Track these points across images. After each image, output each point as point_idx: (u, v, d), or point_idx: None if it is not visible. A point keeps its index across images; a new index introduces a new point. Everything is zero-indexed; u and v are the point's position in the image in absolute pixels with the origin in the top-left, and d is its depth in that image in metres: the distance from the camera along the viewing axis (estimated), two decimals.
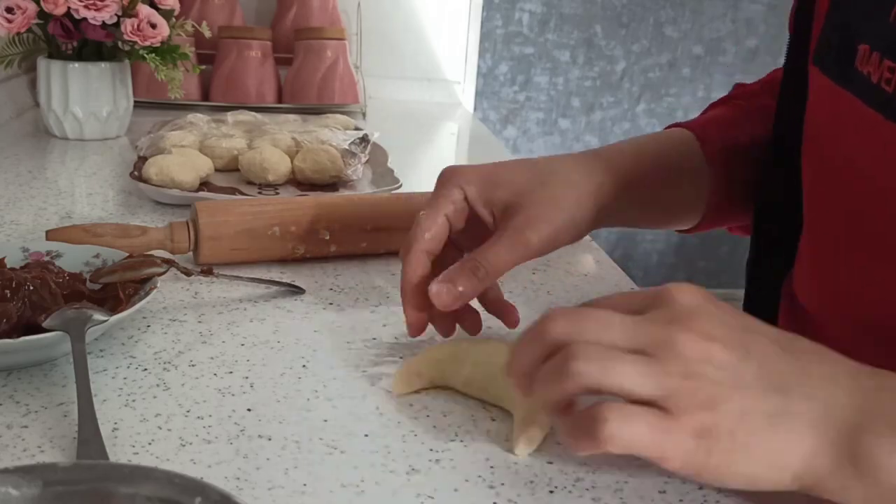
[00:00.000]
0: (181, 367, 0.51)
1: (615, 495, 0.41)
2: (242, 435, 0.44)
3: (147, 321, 0.57)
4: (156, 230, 0.66)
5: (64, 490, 0.32)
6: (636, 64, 2.73)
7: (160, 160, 0.85)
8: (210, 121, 1.09)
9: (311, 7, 1.61)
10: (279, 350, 0.54)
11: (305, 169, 0.91)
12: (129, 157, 1.06)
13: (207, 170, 0.90)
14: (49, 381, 0.48)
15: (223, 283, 0.64)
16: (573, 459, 0.44)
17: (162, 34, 1.11)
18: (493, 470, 0.43)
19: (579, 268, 0.75)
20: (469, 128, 1.63)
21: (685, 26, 2.72)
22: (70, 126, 1.13)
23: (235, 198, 0.83)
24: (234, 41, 1.49)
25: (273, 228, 0.68)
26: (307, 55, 1.52)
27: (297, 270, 0.69)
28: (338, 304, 0.63)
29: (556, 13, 2.64)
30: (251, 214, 0.68)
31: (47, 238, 0.63)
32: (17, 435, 0.43)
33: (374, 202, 0.74)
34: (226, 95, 1.47)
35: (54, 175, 1.01)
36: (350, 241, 0.71)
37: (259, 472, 0.41)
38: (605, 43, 2.69)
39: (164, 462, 0.41)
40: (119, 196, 0.90)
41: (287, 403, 0.48)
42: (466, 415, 0.48)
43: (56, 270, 0.55)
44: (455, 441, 0.45)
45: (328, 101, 1.50)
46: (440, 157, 1.40)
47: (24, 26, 1.07)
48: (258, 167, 0.90)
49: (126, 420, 0.45)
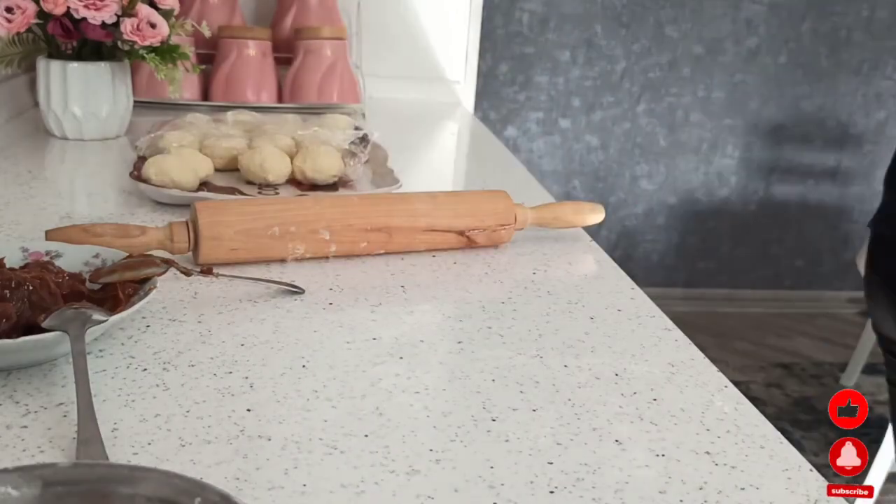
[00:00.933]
0: (181, 368, 0.51)
1: (615, 495, 0.41)
2: (242, 435, 0.44)
3: (147, 321, 0.57)
4: (155, 230, 0.66)
5: (64, 490, 0.32)
6: (636, 64, 2.73)
7: (160, 160, 0.85)
8: (210, 121, 1.09)
9: (310, 7, 1.61)
10: (279, 350, 0.54)
11: (305, 169, 0.91)
12: (129, 157, 1.05)
13: (207, 170, 0.90)
14: (49, 381, 0.48)
15: (223, 282, 0.64)
16: (573, 459, 0.44)
17: (161, 34, 1.11)
18: (493, 470, 0.43)
19: (579, 268, 0.75)
20: (469, 128, 1.63)
21: (685, 26, 2.72)
22: (70, 126, 1.13)
23: (235, 198, 0.83)
24: (234, 41, 1.49)
25: (273, 228, 0.68)
26: (307, 55, 1.52)
27: (297, 270, 0.69)
28: (338, 304, 0.63)
29: (556, 13, 2.63)
30: (251, 214, 0.68)
31: (47, 238, 0.63)
32: (17, 435, 0.43)
33: (374, 202, 0.74)
34: (225, 95, 1.47)
35: (54, 175, 1.01)
36: (350, 241, 0.71)
37: (259, 472, 0.41)
38: (605, 43, 2.69)
39: (164, 462, 0.41)
40: (119, 196, 0.90)
41: (287, 403, 0.47)
42: (466, 415, 0.48)
43: (56, 270, 0.55)
44: (455, 441, 0.45)
45: (328, 101, 1.50)
46: (440, 157, 1.40)
47: (24, 26, 1.07)
48: (258, 167, 0.90)
49: (125, 420, 0.45)
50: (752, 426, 0.49)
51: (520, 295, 0.67)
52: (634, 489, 0.42)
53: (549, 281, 0.71)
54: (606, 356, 0.57)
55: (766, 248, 3.04)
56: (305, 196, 0.83)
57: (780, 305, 3.07)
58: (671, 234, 2.96)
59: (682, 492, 0.42)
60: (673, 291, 2.98)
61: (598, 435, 0.47)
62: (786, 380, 2.51)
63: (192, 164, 0.87)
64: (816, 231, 3.05)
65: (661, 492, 0.42)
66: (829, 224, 3.05)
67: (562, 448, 0.45)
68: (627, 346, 0.58)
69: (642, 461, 0.44)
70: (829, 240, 3.07)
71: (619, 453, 0.45)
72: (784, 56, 2.81)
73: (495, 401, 0.49)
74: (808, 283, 3.11)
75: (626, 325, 0.62)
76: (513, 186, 0.83)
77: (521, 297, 0.67)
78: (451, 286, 0.68)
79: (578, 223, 0.84)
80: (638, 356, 0.57)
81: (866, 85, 2.89)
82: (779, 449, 0.46)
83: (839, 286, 3.11)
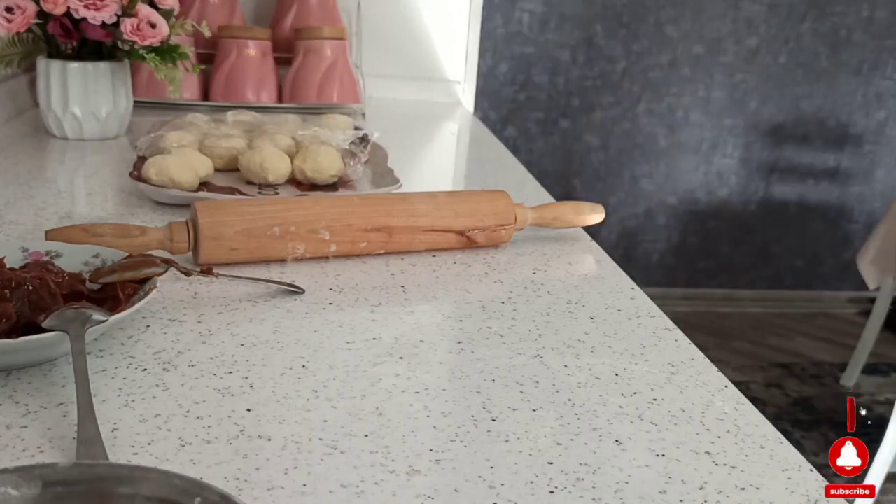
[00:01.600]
0: (181, 368, 0.51)
1: (615, 495, 0.41)
2: (242, 435, 0.44)
3: (146, 321, 0.57)
4: (155, 230, 0.66)
5: (63, 490, 0.32)
6: (636, 64, 2.73)
7: (160, 160, 0.85)
8: (210, 120, 1.09)
9: (310, 7, 1.61)
10: (279, 350, 0.54)
11: (305, 169, 0.91)
12: (129, 157, 1.06)
13: (207, 170, 0.90)
14: (48, 381, 0.48)
15: (223, 282, 0.64)
16: (573, 459, 0.44)
17: (161, 34, 1.11)
18: (493, 470, 0.43)
19: (579, 268, 0.75)
20: (469, 127, 1.63)
21: (685, 26, 2.72)
22: (69, 126, 1.13)
23: (235, 197, 0.83)
24: (234, 41, 1.49)
25: (273, 228, 0.68)
26: (307, 55, 1.52)
27: (297, 270, 0.69)
28: (338, 304, 0.63)
29: (556, 13, 2.63)
30: (251, 214, 0.68)
31: (47, 238, 0.63)
32: (17, 435, 0.43)
33: (374, 202, 0.74)
34: (225, 95, 1.47)
35: (54, 175, 1.01)
36: (350, 241, 0.71)
37: (259, 472, 0.41)
38: (605, 43, 2.69)
39: (164, 462, 0.41)
40: (119, 196, 0.90)
41: (287, 403, 0.47)
42: (466, 415, 0.48)
43: (56, 270, 0.55)
44: (455, 441, 0.45)
45: (328, 101, 1.50)
46: (440, 157, 1.40)
47: (24, 26, 1.07)
48: (258, 167, 0.90)
49: (125, 420, 0.45)
50: (752, 426, 0.49)
51: (520, 295, 0.67)
52: (634, 489, 0.42)
53: (549, 281, 0.71)
54: (606, 356, 0.57)
55: (766, 248, 3.04)
56: (305, 196, 0.84)
57: (779, 305, 3.07)
58: (671, 234, 2.96)
59: (682, 492, 0.42)
60: (673, 291, 2.98)
61: (598, 435, 0.47)
62: (786, 380, 2.51)
63: (192, 164, 0.87)
64: (816, 231, 3.05)
65: (661, 492, 0.42)
66: (829, 224, 3.05)
67: (562, 448, 0.45)
68: (627, 346, 0.58)
69: (642, 461, 0.44)
70: (829, 240, 3.07)
71: (619, 453, 0.45)
72: (784, 56, 2.81)
73: (495, 401, 0.49)
74: (808, 283, 3.11)
75: (626, 325, 0.62)
76: (513, 186, 0.83)
77: (521, 297, 0.67)
78: (451, 286, 0.68)
79: (578, 223, 0.84)
80: (638, 356, 0.57)
81: (866, 85, 2.89)
82: (779, 449, 0.46)
83: (839, 286, 3.11)
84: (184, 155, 0.88)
